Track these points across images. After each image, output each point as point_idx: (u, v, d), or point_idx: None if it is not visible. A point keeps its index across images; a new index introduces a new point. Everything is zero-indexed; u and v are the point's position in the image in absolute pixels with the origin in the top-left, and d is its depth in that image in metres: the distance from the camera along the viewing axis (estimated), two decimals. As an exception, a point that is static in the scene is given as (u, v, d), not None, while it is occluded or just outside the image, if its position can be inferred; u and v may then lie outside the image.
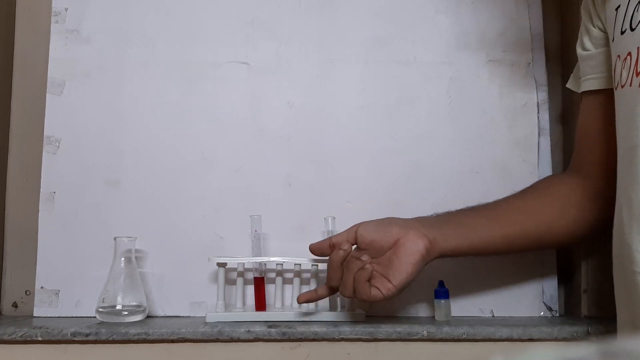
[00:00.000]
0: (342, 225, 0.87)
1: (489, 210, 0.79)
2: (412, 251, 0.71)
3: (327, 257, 0.76)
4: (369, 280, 0.70)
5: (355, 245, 0.75)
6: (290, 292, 0.86)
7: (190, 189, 0.89)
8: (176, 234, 0.88)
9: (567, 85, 0.82)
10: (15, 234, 0.92)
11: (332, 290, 0.76)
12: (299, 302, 0.78)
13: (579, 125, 0.79)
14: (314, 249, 0.77)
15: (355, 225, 0.75)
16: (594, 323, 0.79)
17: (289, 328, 0.77)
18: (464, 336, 0.77)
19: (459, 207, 0.88)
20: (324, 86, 0.92)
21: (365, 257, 0.71)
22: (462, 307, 0.88)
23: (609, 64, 0.69)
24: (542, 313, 0.88)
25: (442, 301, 0.84)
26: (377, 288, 0.70)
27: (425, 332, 0.77)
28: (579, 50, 0.76)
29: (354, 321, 0.80)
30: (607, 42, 0.71)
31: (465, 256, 0.79)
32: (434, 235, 0.73)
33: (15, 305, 0.92)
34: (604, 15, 0.70)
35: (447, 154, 0.91)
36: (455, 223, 0.76)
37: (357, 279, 0.70)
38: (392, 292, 0.70)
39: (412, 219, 0.76)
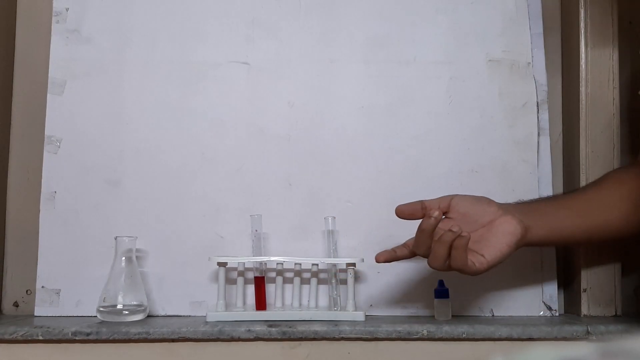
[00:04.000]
0: (342, 225, 0.88)
1: (570, 201, 0.78)
2: (509, 232, 0.69)
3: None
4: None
5: (444, 216, 0.71)
6: (291, 292, 0.86)
7: (191, 188, 0.90)
8: (177, 233, 0.89)
9: None
10: (16, 233, 0.92)
11: (413, 255, 0.72)
12: (378, 261, 0.73)
13: None
14: (403, 209, 0.72)
15: (450, 195, 0.72)
16: (593, 323, 0.80)
17: (289, 327, 0.77)
18: (464, 335, 0.77)
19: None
20: (324, 86, 0.92)
21: (456, 228, 0.65)
22: (462, 306, 0.88)
23: None
24: (541, 312, 0.88)
25: (442, 300, 0.84)
26: (472, 260, 0.68)
27: (425, 332, 0.77)
28: None
29: (354, 321, 0.80)
30: None
31: (547, 246, 0.79)
32: (529, 223, 0.71)
33: (16, 304, 0.92)
34: None
35: (447, 154, 0.91)
36: (542, 213, 0.75)
37: (456, 246, 0.66)
38: (484, 266, 0.68)
39: (506, 203, 0.75)
